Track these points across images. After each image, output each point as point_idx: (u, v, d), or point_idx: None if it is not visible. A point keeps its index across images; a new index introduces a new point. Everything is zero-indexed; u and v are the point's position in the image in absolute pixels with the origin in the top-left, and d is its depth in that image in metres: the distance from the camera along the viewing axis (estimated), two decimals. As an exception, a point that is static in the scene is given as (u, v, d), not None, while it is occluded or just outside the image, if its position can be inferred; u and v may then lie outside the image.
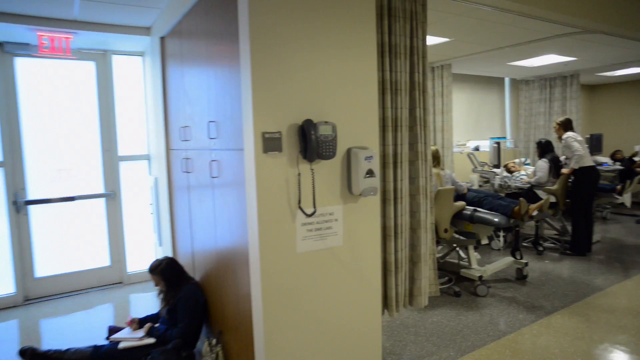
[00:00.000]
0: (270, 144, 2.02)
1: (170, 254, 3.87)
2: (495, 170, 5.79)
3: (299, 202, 2.11)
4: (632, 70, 6.87)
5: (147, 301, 4.11)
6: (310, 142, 2.04)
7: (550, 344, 3.05)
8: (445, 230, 4.00)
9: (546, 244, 5.55)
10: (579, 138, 5.10)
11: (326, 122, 2.12)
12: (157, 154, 4.12)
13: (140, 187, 4.58)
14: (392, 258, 2.61)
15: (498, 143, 5.72)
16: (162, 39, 3.68)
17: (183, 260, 3.49)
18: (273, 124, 2.03)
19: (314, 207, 2.15)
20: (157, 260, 2.96)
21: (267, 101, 2.01)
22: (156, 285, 2.93)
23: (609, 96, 8.49)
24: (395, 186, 2.61)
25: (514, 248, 4.37)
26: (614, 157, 7.65)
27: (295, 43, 2.07)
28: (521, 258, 4.34)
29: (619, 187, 5.22)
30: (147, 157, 4.60)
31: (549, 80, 7.12)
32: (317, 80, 2.15)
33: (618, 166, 7.10)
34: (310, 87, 2.13)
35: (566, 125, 5.23)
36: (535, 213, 3.89)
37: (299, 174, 2.11)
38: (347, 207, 2.30)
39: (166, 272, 2.87)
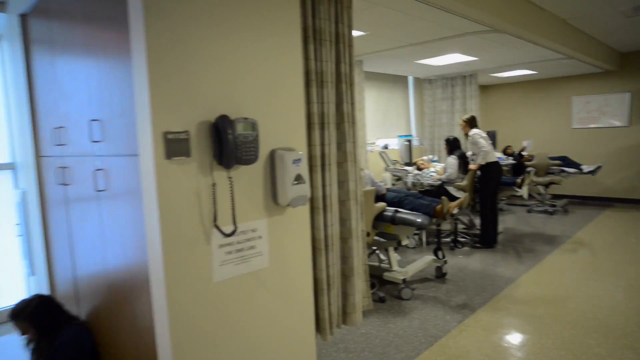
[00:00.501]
0: (174, 147, 1.56)
1: (45, 284, 3.13)
2: (407, 168, 5.80)
3: (215, 219, 1.68)
4: (519, 72, 7.40)
5: (15, 349, 3.30)
6: (227, 144, 1.63)
7: (483, 344, 2.97)
8: (368, 234, 3.80)
9: (457, 239, 5.68)
10: (484, 134, 5.27)
11: (245, 118, 1.72)
12: (24, 162, 3.32)
13: (2, 203, 3.69)
14: (324, 275, 2.28)
15: (409, 141, 5.72)
16: (24, 17, 2.93)
17: (63, 290, 2.81)
18: (178, 122, 1.57)
19: (234, 224, 1.73)
20: (22, 301, 2.27)
21: (170, 93, 1.55)
22: (23, 334, 2.25)
23: (499, 96, 9.14)
24: (324, 192, 2.29)
25: (436, 247, 4.32)
26: (505, 152, 8.22)
27: (204, 24, 1.64)
28: (443, 257, 4.31)
29: (519, 180, 5.52)
30: (11, 167, 3.73)
31: (450, 79, 7.40)
32: (233, 68, 1.73)
33: (511, 160, 7.63)
34: (225, 76, 1.71)
35: (471, 122, 5.38)
36: (455, 211, 3.87)
37: (214, 184, 1.68)
38: (273, 221, 1.92)
39: (36, 316, 2.20)
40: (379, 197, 4.21)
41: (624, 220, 6.54)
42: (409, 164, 5.59)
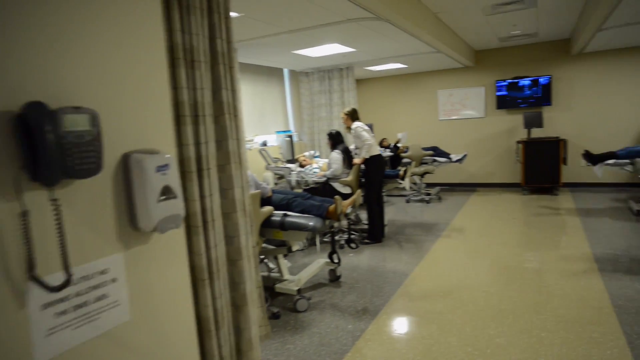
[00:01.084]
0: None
1: None
2: (290, 165, 5.44)
3: (31, 267, 1.07)
4: (392, 65, 7.58)
5: None
6: (45, 148, 1.03)
7: (392, 354, 2.73)
8: (255, 244, 3.33)
9: (345, 236, 5.52)
10: (366, 127, 5.16)
11: (78, 108, 1.13)
12: None
13: None
14: (210, 311, 1.76)
15: (290, 136, 5.37)
16: None
17: None
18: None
19: (67, 269, 1.13)
20: None
21: None
22: None
23: (373, 90, 9.34)
24: (204, 205, 1.77)
25: (331, 251, 4.03)
26: (381, 144, 8.41)
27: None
28: (339, 261, 4.04)
29: (401, 172, 5.56)
30: None
31: (327, 72, 7.24)
32: (57, 32, 1.13)
33: (388, 153, 7.80)
34: (42, 43, 1.09)
35: (353, 115, 5.23)
36: (349, 210, 3.61)
37: (24, 214, 1.06)
38: (133, 255, 1.36)
39: None
40: (265, 201, 3.77)
41: (487, 203, 7.10)
42: (291, 161, 5.25)
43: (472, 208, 6.89)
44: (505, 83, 7.96)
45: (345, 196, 5.21)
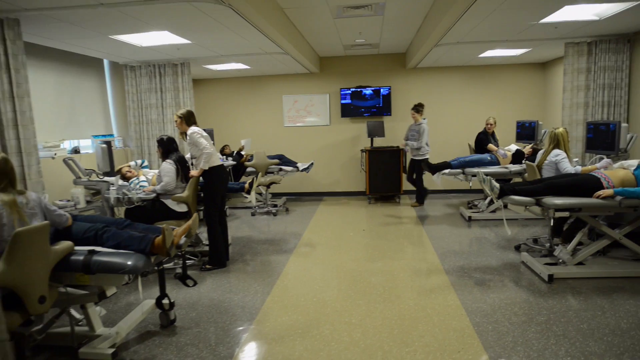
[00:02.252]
0: None
1: None
2: (108, 179, 4.29)
3: None
4: (234, 65, 6.87)
5: None
6: None
7: None
8: (43, 299, 2.28)
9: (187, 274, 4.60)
10: (205, 133, 4.36)
11: None
12: None
13: None
14: None
15: (108, 142, 4.25)
16: None
17: None
18: None
19: None
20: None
21: None
22: None
23: (214, 91, 8.48)
24: None
25: (160, 295, 3.09)
26: (223, 152, 7.63)
27: None
28: (171, 306, 3.13)
29: (246, 185, 4.88)
30: None
31: (158, 67, 6.15)
32: None
33: (231, 161, 7.05)
34: None
35: (189, 119, 4.36)
36: (182, 240, 2.74)
37: None
38: None
39: None
40: (60, 232, 2.70)
41: (336, 214, 6.92)
42: (110, 172, 4.13)
43: (321, 219, 6.60)
44: (349, 91, 7.96)
45: (181, 215, 4.33)
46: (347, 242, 5.32)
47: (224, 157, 7.47)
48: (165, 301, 3.05)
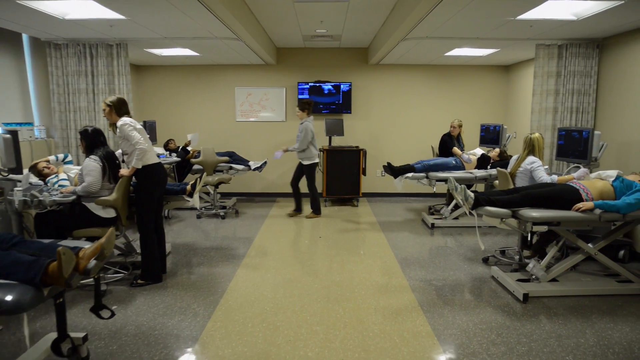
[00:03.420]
0: None
1: None
2: (15, 177, 3.52)
3: None
4: (180, 51, 6.16)
5: None
6: None
7: None
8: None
9: (108, 275, 3.91)
10: (139, 126, 3.70)
11: None
12: None
13: None
14: None
15: (15, 132, 3.47)
16: None
17: None
18: None
19: None
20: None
21: None
22: None
23: (157, 79, 7.67)
24: None
25: (58, 337, 2.40)
26: (167, 147, 6.90)
27: None
28: (73, 348, 2.46)
29: (189, 187, 4.24)
30: None
31: (89, 47, 5.33)
32: None
33: (175, 158, 6.35)
34: None
35: (119, 108, 3.68)
36: (92, 264, 2.07)
37: None
38: None
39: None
40: None
41: (290, 217, 6.38)
42: (17, 169, 3.37)
43: (273, 223, 6.05)
44: (307, 86, 7.43)
45: (107, 222, 3.64)
46: (302, 252, 4.81)
47: (168, 152, 6.74)
48: (67, 344, 2.37)
